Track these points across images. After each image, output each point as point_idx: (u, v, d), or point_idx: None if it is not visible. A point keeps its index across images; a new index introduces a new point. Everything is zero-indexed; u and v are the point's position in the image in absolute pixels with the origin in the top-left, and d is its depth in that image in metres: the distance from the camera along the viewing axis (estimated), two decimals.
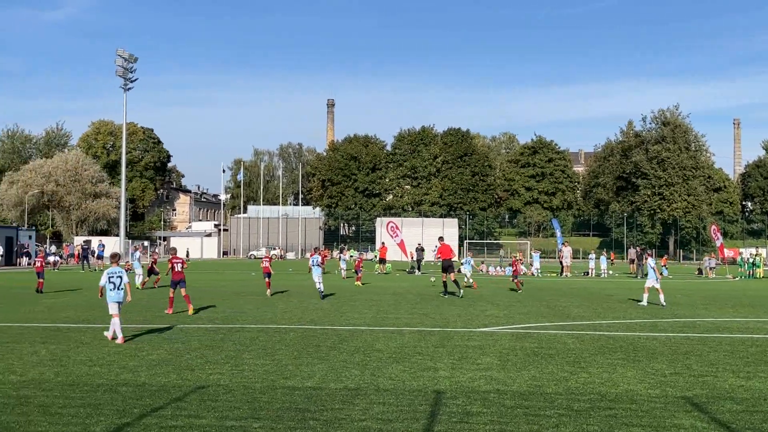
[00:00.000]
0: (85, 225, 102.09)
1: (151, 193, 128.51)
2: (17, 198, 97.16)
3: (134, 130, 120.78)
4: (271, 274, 26.51)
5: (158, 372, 10.43)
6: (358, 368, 10.92)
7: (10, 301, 23.42)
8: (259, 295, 26.12)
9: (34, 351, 12.26)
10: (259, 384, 9.66)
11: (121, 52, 73.43)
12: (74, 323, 16.74)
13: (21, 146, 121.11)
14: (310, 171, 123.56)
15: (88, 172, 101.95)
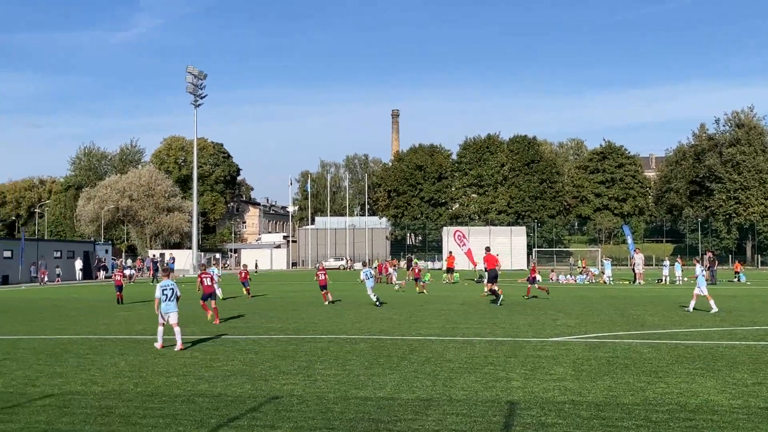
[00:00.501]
0: (158, 239, 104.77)
1: (221, 207, 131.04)
2: (94, 213, 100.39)
3: (204, 145, 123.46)
4: (326, 286, 27.12)
5: (233, 382, 10.60)
6: (429, 378, 10.88)
7: (89, 313, 24.16)
8: (326, 305, 26.31)
9: (113, 362, 12.62)
10: (332, 394, 9.72)
11: (191, 69, 75.15)
12: (150, 335, 17.13)
13: (97, 163, 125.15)
14: (376, 181, 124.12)
15: (161, 186, 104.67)
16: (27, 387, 10.34)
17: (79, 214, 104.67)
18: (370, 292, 26.38)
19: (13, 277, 52.02)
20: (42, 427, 7.85)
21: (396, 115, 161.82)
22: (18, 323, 20.65)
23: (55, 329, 18.71)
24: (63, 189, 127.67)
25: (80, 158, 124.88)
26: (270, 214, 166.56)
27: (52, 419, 8.24)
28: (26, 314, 23.85)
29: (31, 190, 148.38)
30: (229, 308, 25.32)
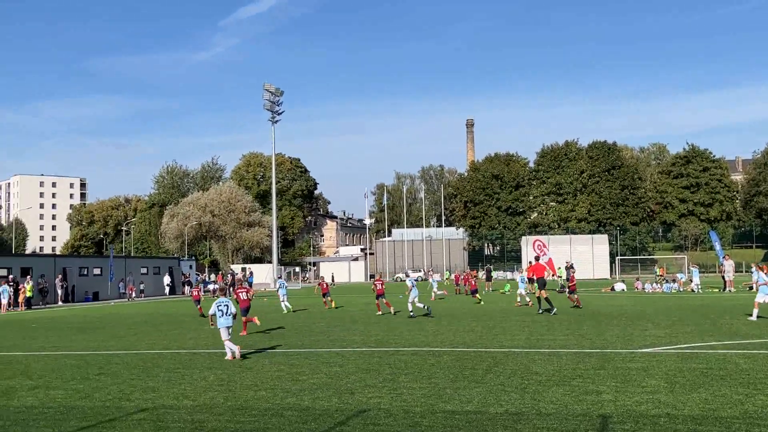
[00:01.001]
0: (240, 253, 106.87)
1: (300, 221, 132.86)
2: (178, 230, 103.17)
3: (282, 160, 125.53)
4: (382, 295, 28.14)
5: (320, 396, 10.66)
6: (517, 392, 10.71)
7: (177, 328, 24.77)
8: (406, 318, 26.27)
9: (203, 376, 12.87)
10: (418, 408, 9.66)
11: (267, 86, 76.54)
12: None
13: (180, 181, 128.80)
14: (451, 192, 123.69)
15: (241, 202, 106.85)
16: (122, 401, 10.63)
17: (163, 230, 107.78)
18: (414, 300, 26.47)
19: (103, 293, 53.86)
20: None
21: (470, 125, 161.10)
22: (110, 339, 21.32)
23: (145, 344, 19.24)
24: (148, 207, 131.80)
25: (163, 176, 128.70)
26: (347, 227, 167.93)
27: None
28: (118, 330, 24.62)
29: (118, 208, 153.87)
30: (312, 321, 25.57)
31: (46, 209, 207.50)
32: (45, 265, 51.73)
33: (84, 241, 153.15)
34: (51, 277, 49.02)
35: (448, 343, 17.33)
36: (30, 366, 15.02)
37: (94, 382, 12.50)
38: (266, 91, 76.63)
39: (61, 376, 13.45)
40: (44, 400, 10.83)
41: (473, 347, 16.49)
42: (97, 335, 22.55)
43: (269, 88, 76.71)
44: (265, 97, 76.67)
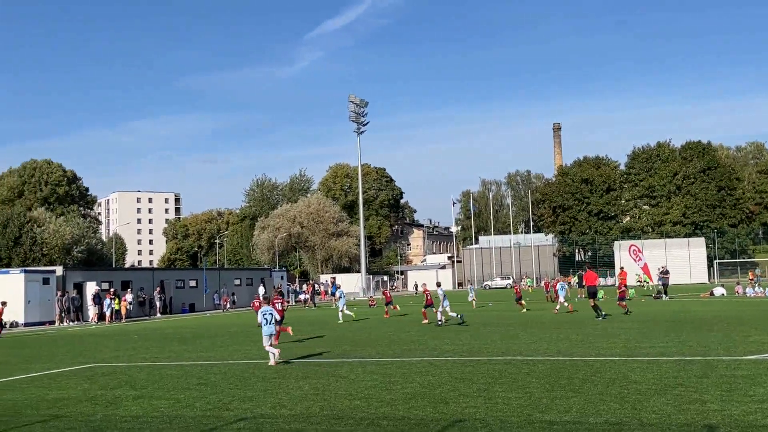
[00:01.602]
0: (329, 263, 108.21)
1: (386, 230, 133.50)
2: (268, 241, 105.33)
3: (368, 170, 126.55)
4: (429, 305, 28.82)
5: (415, 405, 10.64)
6: (616, 401, 10.43)
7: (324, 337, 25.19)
8: (500, 326, 26.03)
9: (298, 386, 13.05)
10: (515, 418, 9.53)
11: (352, 98, 77.42)
12: (329, 358, 17.64)
13: (269, 194, 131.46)
14: (539, 197, 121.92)
15: (328, 213, 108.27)
16: (222, 411, 10.89)
17: (254, 242, 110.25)
18: (445, 309, 27.29)
19: (198, 304, 55.42)
20: None
21: (557, 129, 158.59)
22: (208, 349, 21.90)
23: (241, 354, 19.67)
24: (239, 219, 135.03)
25: (254, 190, 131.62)
26: (434, 235, 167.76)
27: None
28: (214, 340, 25.26)
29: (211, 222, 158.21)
30: (402, 330, 25.62)
31: (143, 224, 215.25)
32: (144, 278, 53.63)
33: (179, 254, 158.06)
34: (149, 289, 50.75)
35: (542, 352, 17.05)
36: (134, 376, 15.56)
37: (194, 392, 12.85)
38: (351, 102, 77.51)
39: (164, 386, 13.88)
40: (148, 410, 11.19)
41: (568, 356, 16.17)
42: (195, 346, 23.19)
43: (354, 100, 77.55)
44: (351, 108, 77.55)
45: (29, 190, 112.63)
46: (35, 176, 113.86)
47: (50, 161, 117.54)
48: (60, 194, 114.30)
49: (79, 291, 45.23)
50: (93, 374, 16.27)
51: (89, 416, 10.80)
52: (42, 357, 21.27)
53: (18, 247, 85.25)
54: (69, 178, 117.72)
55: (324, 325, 31.14)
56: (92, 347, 24.28)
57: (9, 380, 15.87)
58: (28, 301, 41.77)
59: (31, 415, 11.17)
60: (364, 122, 78.90)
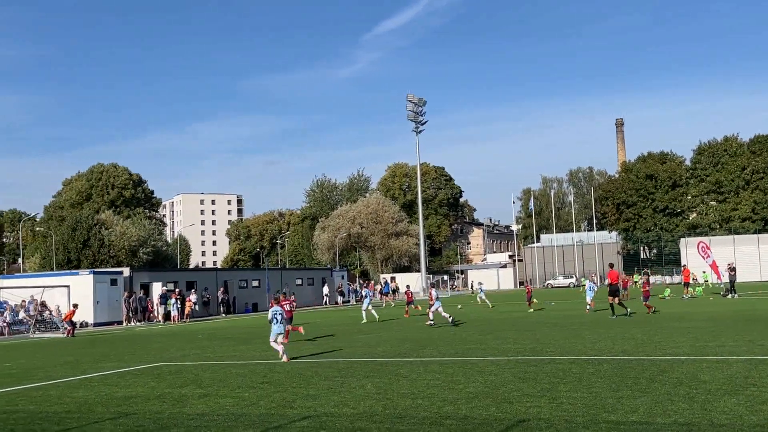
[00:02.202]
0: (389, 262, 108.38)
1: (446, 229, 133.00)
2: (329, 241, 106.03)
3: (427, 169, 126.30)
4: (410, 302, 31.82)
5: (478, 405, 10.57)
6: (685, 401, 10.17)
7: (333, 337, 25.40)
8: (563, 325, 25.69)
9: (361, 385, 13.10)
10: (580, 418, 9.37)
11: (410, 97, 77.40)
12: (391, 357, 17.66)
13: (329, 194, 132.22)
14: (602, 194, 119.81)
15: (388, 213, 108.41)
16: (285, 409, 10.99)
17: (315, 242, 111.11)
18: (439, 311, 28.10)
19: (261, 304, 56.13)
20: None
21: (620, 124, 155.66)
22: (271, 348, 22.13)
23: (304, 353, 19.83)
24: (300, 220, 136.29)
25: (314, 190, 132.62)
26: (494, 233, 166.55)
27: None
28: None
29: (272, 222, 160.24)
30: (461, 329, 25.49)
31: (207, 225, 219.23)
32: (208, 278, 54.62)
33: (242, 254, 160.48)
34: (213, 290, 51.65)
35: (606, 352, 16.75)
36: (199, 375, 15.85)
37: (258, 391, 13.01)
38: (409, 102, 77.52)
39: (228, 384, 14.10)
40: (214, 408, 11.37)
41: (634, 355, 15.86)
42: (259, 345, 23.48)
43: (412, 99, 77.54)
44: (409, 107, 77.56)
45: (97, 194, 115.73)
46: (102, 180, 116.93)
47: (116, 165, 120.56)
48: (126, 197, 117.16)
49: (145, 292, 46.32)
50: (160, 373, 16.63)
51: (157, 414, 11.04)
52: (111, 356, 21.84)
53: (87, 249, 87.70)
54: (135, 182, 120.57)
55: (383, 325, 31.23)
56: (159, 347, 24.82)
57: (81, 378, 16.34)
58: (97, 301, 42.95)
59: (102, 412, 11.47)
60: (422, 121, 78.82)
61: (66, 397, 13.35)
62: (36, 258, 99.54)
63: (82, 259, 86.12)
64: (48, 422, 10.69)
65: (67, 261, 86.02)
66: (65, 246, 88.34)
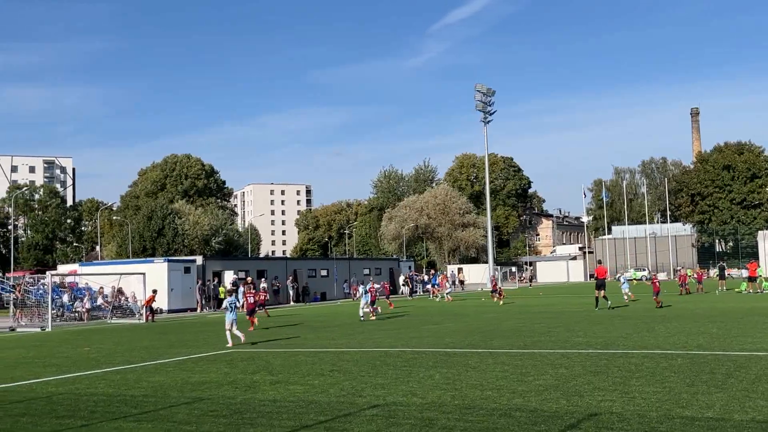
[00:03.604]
0: (456, 254, 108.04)
1: (514, 220, 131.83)
2: (396, 232, 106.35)
3: (495, 160, 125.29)
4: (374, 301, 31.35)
5: (548, 398, 10.47)
6: (764, 398, 9.87)
7: (400, 327, 25.49)
8: (635, 318, 25.21)
9: (429, 375, 13.12)
10: (654, 413, 9.20)
11: (479, 87, 76.75)
12: (459, 348, 17.63)
13: (395, 185, 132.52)
14: (676, 186, 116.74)
15: (455, 204, 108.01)
16: (355, 397, 11.10)
17: (382, 233, 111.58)
18: (362, 306, 30.41)
19: (329, 293, 56.71)
20: None
21: (696, 114, 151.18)
22: (340, 336, 22.40)
23: (372, 342, 19.98)
24: (367, 210, 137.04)
25: (381, 181, 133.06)
26: (563, 225, 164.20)
27: (380, 428, 8.74)
28: (345, 329, 25.80)
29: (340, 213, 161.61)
30: (529, 320, 25.27)
31: (276, 215, 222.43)
32: (278, 267, 55.44)
33: (311, 244, 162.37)
34: (283, 278, 52.39)
35: (680, 346, 16.38)
36: (270, 362, 16.13)
37: (328, 378, 13.18)
38: (478, 91, 76.90)
39: (298, 371, 14.32)
40: (285, 395, 11.56)
41: (709, 350, 15.45)
42: (327, 333, 23.77)
43: (481, 89, 76.90)
44: (477, 97, 76.94)
45: (171, 184, 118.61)
46: (176, 170, 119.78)
47: (190, 156, 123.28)
48: (199, 187, 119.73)
49: (218, 280, 47.30)
50: (232, 359, 16.99)
51: (230, 399, 11.29)
52: (185, 342, 22.40)
53: (161, 237, 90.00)
54: (207, 172, 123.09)
55: (454, 316, 31.20)
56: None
57: (157, 363, 16.83)
58: (171, 289, 44.06)
59: (177, 396, 11.79)
60: (491, 111, 78.09)
61: (143, 381, 13.78)
62: (113, 246, 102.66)
63: (157, 247, 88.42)
64: (126, 405, 11.05)
65: (142, 249, 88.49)
66: (141, 235, 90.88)
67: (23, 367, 16.84)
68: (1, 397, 12.29)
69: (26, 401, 11.75)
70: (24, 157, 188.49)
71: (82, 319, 37.68)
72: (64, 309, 38.50)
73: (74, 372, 15.55)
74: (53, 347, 22.24)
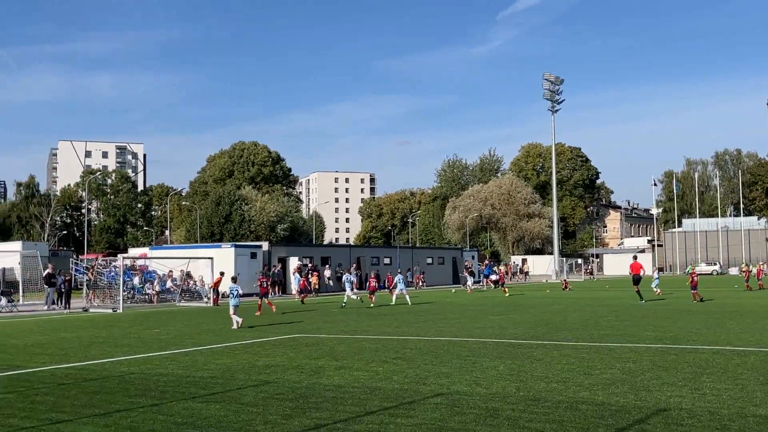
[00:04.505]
0: (520, 244, 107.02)
1: (581, 211, 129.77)
2: (459, 221, 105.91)
3: (562, 150, 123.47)
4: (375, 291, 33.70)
5: (615, 391, 10.30)
6: None
7: (463, 317, 25.43)
8: (703, 314, 24.57)
9: (493, 365, 13.05)
10: (725, 410, 8.95)
11: (547, 75, 75.77)
12: (523, 339, 17.48)
13: (459, 174, 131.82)
14: (750, 179, 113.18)
15: (520, 194, 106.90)
16: (418, 385, 11.12)
17: (445, 222, 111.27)
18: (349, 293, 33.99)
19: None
20: (437, 424, 8.35)
21: None
22: (402, 324, 22.46)
23: (434, 331, 19.99)
24: (431, 199, 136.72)
25: (445, 170, 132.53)
26: (632, 217, 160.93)
27: (444, 417, 8.73)
28: (407, 317, 25.86)
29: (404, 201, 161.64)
30: (595, 314, 24.88)
31: (340, 203, 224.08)
32: (341, 254, 55.88)
33: (374, 232, 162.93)
34: (346, 265, 52.76)
35: (754, 343, 15.91)
36: (335, 348, 16.28)
37: (391, 365, 13.23)
38: (546, 80, 75.93)
39: (362, 358, 14.41)
40: (349, 380, 11.65)
41: None
42: (390, 321, 23.86)
43: (549, 78, 75.90)
44: (545, 86, 76.00)
45: (238, 170, 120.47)
46: (243, 157, 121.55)
47: (257, 143, 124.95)
48: (265, 174, 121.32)
49: (282, 265, 47.92)
50: (297, 344, 17.21)
51: (295, 383, 11.44)
52: (251, 326, 22.78)
53: (228, 223, 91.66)
54: (273, 159, 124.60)
55: (518, 308, 30.97)
56: (295, 319, 25.67)
57: (224, 346, 17.17)
58: (238, 273, 44.74)
59: (244, 379, 12.01)
60: (558, 100, 77.04)
61: (211, 363, 14.07)
62: (182, 231, 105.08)
63: (224, 232, 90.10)
64: (195, 386, 11.31)
65: (210, 234, 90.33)
66: (209, 220, 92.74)
67: (97, 347, 17.39)
68: (77, 375, 12.72)
69: (100, 379, 12.13)
70: (97, 143, 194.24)
71: (152, 302, 38.67)
72: (134, 291, 39.59)
73: (145, 353, 15.99)
74: (124, 328, 22.90)
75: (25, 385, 11.68)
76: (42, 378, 12.41)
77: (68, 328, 23.06)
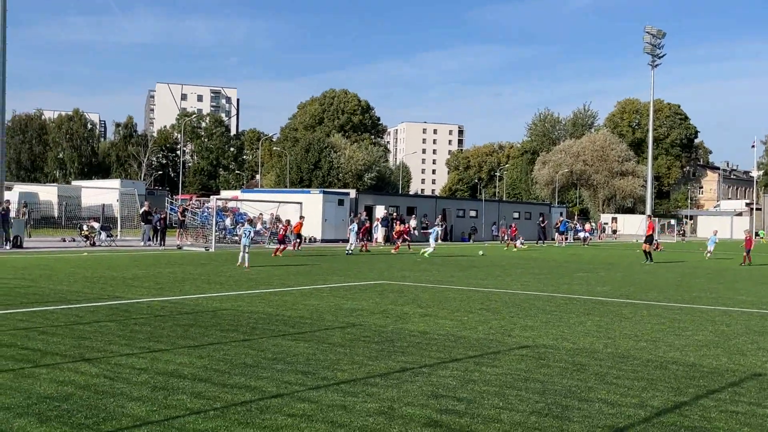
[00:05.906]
0: (611, 203, 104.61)
1: (676, 171, 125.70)
2: (549, 177, 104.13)
3: (660, 106, 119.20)
4: None
5: (707, 354, 10.03)
6: None
7: (549, 272, 25.16)
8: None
9: (580, 321, 12.89)
10: None
11: (649, 28, 72.83)
12: (612, 297, 17.19)
13: (551, 128, 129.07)
14: None
15: (614, 151, 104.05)
16: (504, 336, 11.10)
17: (534, 177, 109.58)
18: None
19: (477, 234, 56.66)
20: (522, 375, 8.33)
21: None
22: (487, 277, 22.41)
23: (519, 285, 19.86)
24: (520, 154, 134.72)
25: (536, 124, 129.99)
26: (730, 179, 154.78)
27: (530, 368, 8.71)
28: (492, 270, 25.77)
29: (492, 155, 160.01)
30: (686, 276, 24.18)
31: (428, 154, 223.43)
32: (427, 205, 55.90)
33: (460, 184, 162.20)
34: (432, 216, 52.79)
35: None
36: (419, 296, 16.40)
37: (476, 316, 13.24)
38: (647, 33, 73.06)
39: (447, 306, 14.47)
40: (434, 327, 11.73)
41: None
42: (475, 273, 23.84)
43: (650, 31, 72.99)
44: (646, 39, 73.15)
45: (328, 118, 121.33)
46: (333, 105, 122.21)
47: (347, 91, 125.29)
48: (355, 123, 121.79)
49: (368, 214, 48.34)
50: (383, 290, 17.41)
51: (381, 327, 11.59)
52: (338, 271, 23.17)
53: (317, 170, 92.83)
54: (363, 108, 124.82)
55: (608, 266, 30.44)
56: (381, 266, 25.94)
57: (312, 288, 17.53)
58: (325, 219, 45.49)
59: (332, 320, 12.25)
60: (660, 54, 74.06)
61: (299, 303, 14.39)
62: (272, 175, 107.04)
63: (313, 179, 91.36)
64: (284, 324, 11.61)
65: (299, 180, 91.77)
66: (298, 166, 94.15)
67: (190, 283, 18.03)
68: (172, 308, 13.24)
69: (194, 313, 12.59)
70: (193, 86, 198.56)
71: None
72: (226, 232, 40.69)
73: (236, 290, 16.48)
74: (216, 266, 23.65)
75: (125, 315, 12.24)
76: (140, 309, 12.97)
77: (163, 264, 23.97)
